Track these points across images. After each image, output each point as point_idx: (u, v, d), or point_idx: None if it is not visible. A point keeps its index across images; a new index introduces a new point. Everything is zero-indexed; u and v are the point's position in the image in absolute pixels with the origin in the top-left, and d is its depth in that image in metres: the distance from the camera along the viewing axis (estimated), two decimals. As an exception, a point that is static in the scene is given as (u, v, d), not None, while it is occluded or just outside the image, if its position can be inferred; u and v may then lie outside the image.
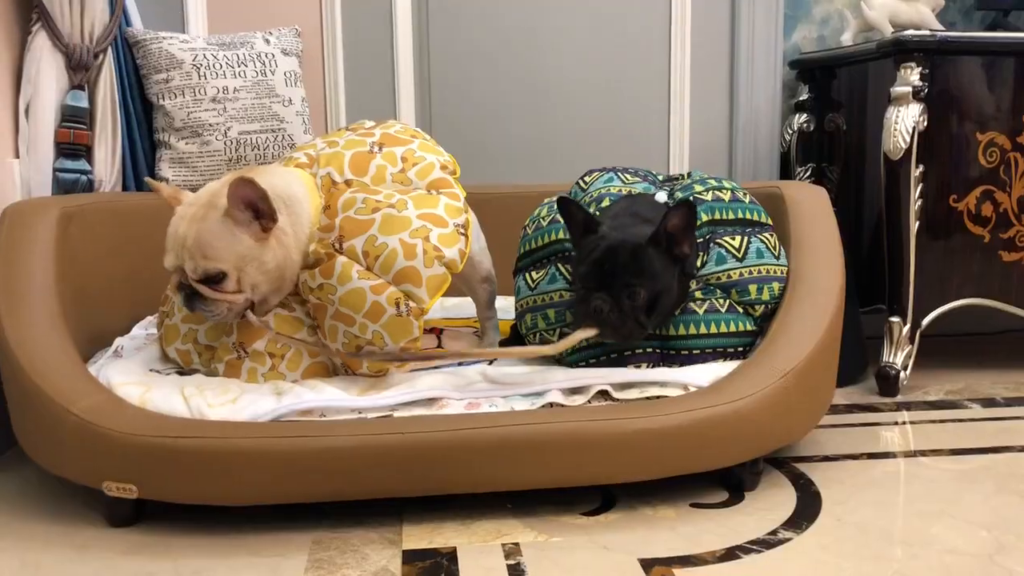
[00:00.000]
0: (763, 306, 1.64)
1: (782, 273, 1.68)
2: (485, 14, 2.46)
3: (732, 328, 1.61)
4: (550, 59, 2.50)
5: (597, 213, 1.69)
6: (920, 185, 2.06)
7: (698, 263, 1.63)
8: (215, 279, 1.49)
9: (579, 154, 2.52)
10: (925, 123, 2.03)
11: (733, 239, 1.66)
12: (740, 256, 1.64)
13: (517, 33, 2.48)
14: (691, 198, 1.66)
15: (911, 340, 2.11)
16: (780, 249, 1.71)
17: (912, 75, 2.01)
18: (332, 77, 2.37)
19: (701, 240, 1.65)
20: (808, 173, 2.50)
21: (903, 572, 1.26)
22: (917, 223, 2.07)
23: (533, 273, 1.72)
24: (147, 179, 1.68)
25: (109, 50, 2.01)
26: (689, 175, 1.83)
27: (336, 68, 2.37)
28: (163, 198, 1.60)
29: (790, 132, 2.51)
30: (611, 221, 1.60)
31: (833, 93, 2.44)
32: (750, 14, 2.50)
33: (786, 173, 2.54)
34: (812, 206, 1.81)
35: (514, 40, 2.48)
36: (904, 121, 2.01)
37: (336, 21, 2.35)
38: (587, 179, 1.84)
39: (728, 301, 1.62)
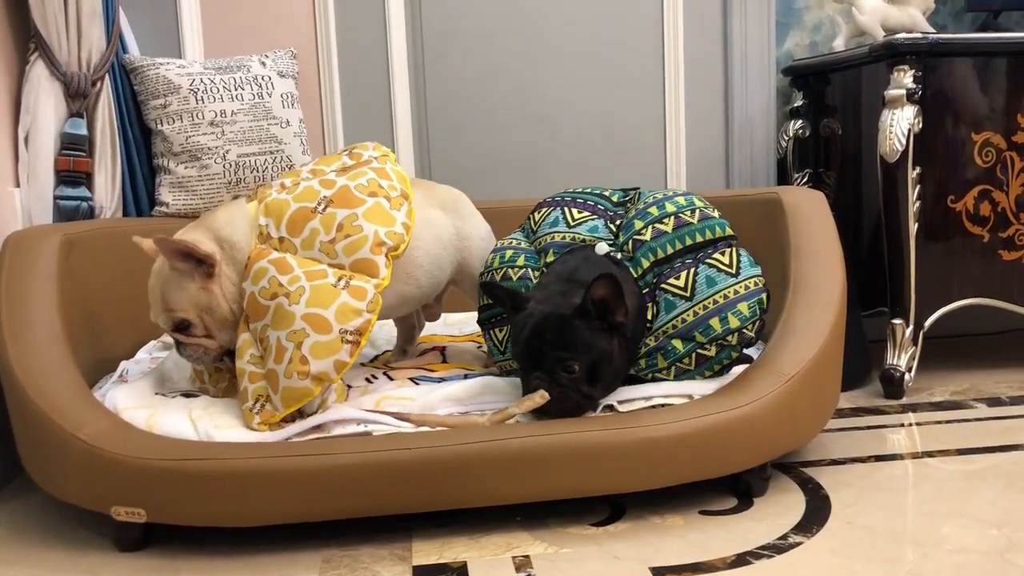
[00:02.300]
0: (736, 334, 1.52)
1: (748, 288, 1.54)
2: (480, 32, 2.47)
3: (709, 374, 1.56)
4: (545, 73, 2.51)
5: (544, 268, 1.64)
6: (918, 187, 2.07)
7: (649, 315, 1.56)
8: (182, 327, 1.56)
9: (577, 167, 2.53)
10: (920, 125, 2.04)
11: (678, 278, 1.55)
12: (688, 295, 1.53)
13: (512, 51, 2.49)
14: (631, 240, 1.60)
15: (914, 342, 2.11)
16: (739, 262, 1.56)
17: (905, 78, 2.02)
18: (329, 98, 2.39)
19: (647, 289, 1.57)
20: (805, 179, 2.51)
21: (915, 572, 1.25)
22: (916, 225, 2.08)
23: (497, 332, 1.67)
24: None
25: (107, 77, 2.02)
26: (639, 196, 1.72)
27: (332, 88, 2.38)
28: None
29: (786, 138, 2.52)
30: (541, 292, 1.54)
31: (827, 98, 2.45)
32: (742, 22, 2.52)
33: (783, 179, 2.55)
34: (811, 211, 1.82)
35: (509, 57, 2.49)
36: (899, 124, 2.02)
37: (331, 42, 2.37)
38: (536, 216, 1.74)
39: (694, 355, 1.53)
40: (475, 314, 2.15)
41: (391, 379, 1.73)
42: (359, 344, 1.50)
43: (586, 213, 1.70)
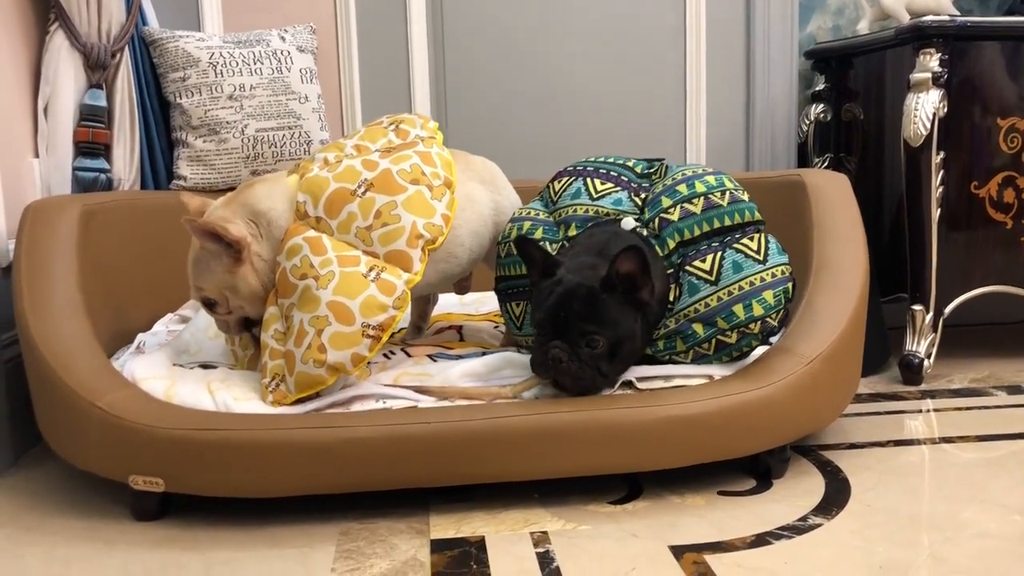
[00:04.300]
0: (759, 322, 1.48)
1: (774, 276, 1.50)
2: (499, 9, 2.46)
3: (727, 359, 1.54)
4: (565, 52, 2.49)
5: (565, 242, 1.61)
6: (941, 172, 2.04)
7: (671, 296, 1.52)
8: (208, 304, 1.57)
9: (596, 149, 2.50)
10: (945, 109, 2.01)
11: (703, 261, 1.51)
12: (714, 279, 1.49)
13: (532, 27, 2.48)
14: (658, 218, 1.55)
15: (934, 328, 2.09)
16: (768, 248, 1.53)
17: (931, 61, 2.00)
18: (347, 74, 2.37)
19: (671, 270, 1.53)
20: (826, 163, 2.49)
21: (937, 556, 1.24)
22: (938, 210, 2.06)
23: (514, 306, 1.65)
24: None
25: (126, 49, 2.01)
26: (667, 171, 1.67)
27: (351, 65, 2.37)
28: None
29: (807, 122, 2.50)
30: (570, 261, 1.49)
31: (850, 83, 2.43)
32: (765, 5, 2.49)
33: (803, 164, 2.53)
34: (834, 193, 1.80)
35: (529, 34, 2.48)
36: (924, 107, 2.00)
37: (351, 18, 2.36)
38: (556, 186, 1.69)
39: (714, 340, 1.50)
40: (492, 294, 2.16)
41: (409, 355, 1.72)
42: (380, 340, 1.47)
43: (609, 184, 1.65)
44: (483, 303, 2.13)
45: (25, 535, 1.40)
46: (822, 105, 2.48)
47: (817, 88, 2.49)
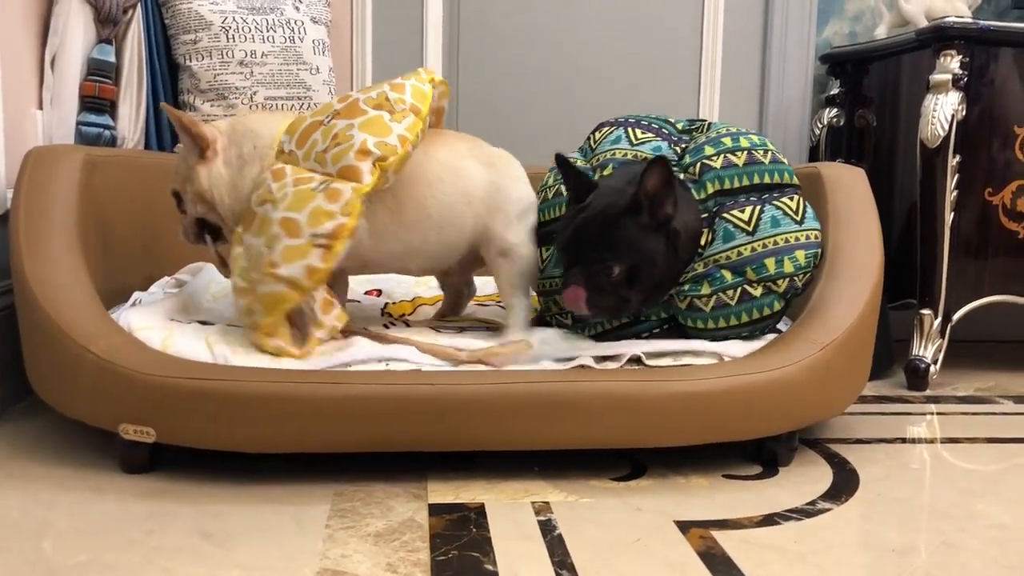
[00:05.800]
0: (786, 279, 1.49)
1: (808, 238, 1.52)
2: (516, -5, 2.44)
3: (746, 319, 1.51)
4: (581, 41, 2.47)
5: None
6: (956, 176, 2.02)
7: (703, 240, 1.52)
8: (177, 198, 1.61)
9: (605, 140, 2.48)
10: (964, 112, 1.99)
11: (742, 211, 1.51)
12: (751, 229, 1.50)
13: (548, 14, 2.46)
14: (700, 163, 1.55)
15: (941, 334, 2.06)
16: (804, 212, 1.55)
17: (952, 63, 1.98)
18: (360, 48, 2.34)
19: (707, 215, 1.53)
20: (837, 168, 2.47)
21: (951, 543, 1.21)
22: (951, 215, 2.03)
23: (542, 250, 1.63)
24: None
25: (138, 7, 1.98)
26: (709, 127, 1.67)
27: (364, 39, 2.34)
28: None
29: (819, 126, 2.48)
30: (603, 186, 1.48)
31: (864, 88, 2.41)
32: (783, 7, 2.48)
33: (814, 167, 2.50)
34: (850, 185, 1.77)
35: (545, 22, 2.46)
36: (943, 109, 1.98)
37: (367, -6, 2.33)
38: (597, 135, 1.70)
39: (740, 289, 1.49)
40: (491, 279, 2.11)
41: (409, 326, 1.68)
42: (331, 248, 1.41)
43: (650, 135, 1.66)
44: (484, 287, 2.08)
45: (6, 480, 1.35)
46: (835, 110, 2.46)
47: (831, 93, 2.47)
